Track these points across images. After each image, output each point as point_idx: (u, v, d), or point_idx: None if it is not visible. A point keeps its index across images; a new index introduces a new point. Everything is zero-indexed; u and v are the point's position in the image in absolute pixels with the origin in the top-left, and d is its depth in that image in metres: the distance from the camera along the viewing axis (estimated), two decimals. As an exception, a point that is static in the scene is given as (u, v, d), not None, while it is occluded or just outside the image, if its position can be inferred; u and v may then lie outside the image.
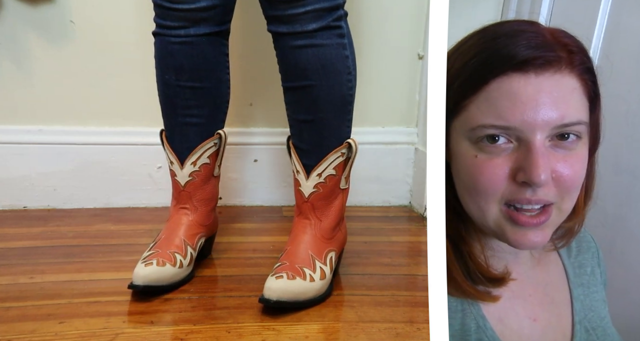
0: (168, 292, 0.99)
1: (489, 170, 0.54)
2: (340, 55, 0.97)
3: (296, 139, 1.03)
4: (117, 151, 1.45)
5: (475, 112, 0.54)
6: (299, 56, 0.96)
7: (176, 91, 1.04)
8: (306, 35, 0.94)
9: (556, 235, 0.65)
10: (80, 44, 1.39)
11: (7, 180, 1.42)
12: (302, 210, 1.04)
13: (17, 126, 1.42)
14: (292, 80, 0.99)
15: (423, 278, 1.10)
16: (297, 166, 1.03)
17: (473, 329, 0.59)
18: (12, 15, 1.35)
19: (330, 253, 1.03)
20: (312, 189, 1.02)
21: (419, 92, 1.53)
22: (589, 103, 0.56)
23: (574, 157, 0.55)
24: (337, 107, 1.00)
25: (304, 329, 0.90)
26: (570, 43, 0.54)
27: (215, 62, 1.05)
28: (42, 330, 0.86)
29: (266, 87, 1.48)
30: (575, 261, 0.68)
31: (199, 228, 1.08)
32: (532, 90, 0.52)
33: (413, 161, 1.56)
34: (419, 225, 1.43)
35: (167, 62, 1.03)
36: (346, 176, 1.05)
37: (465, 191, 0.57)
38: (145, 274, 0.95)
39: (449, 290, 0.58)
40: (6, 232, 1.28)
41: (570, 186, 0.55)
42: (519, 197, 0.54)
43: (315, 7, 0.92)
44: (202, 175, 1.07)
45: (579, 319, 0.65)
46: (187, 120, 1.06)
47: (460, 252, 0.59)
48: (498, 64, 0.53)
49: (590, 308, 0.67)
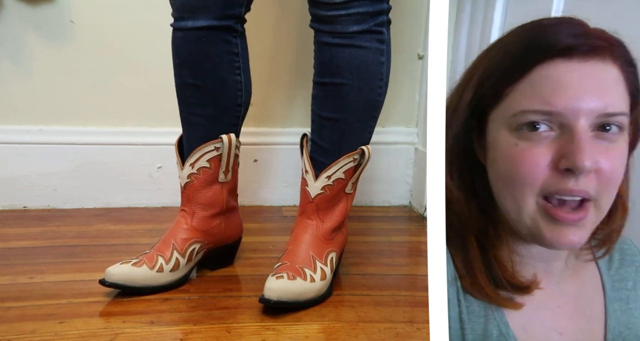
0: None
1: (531, 159, 0.53)
2: (376, 59, 0.97)
3: (316, 135, 1.02)
4: (117, 151, 1.45)
5: (517, 98, 0.53)
6: (336, 54, 0.96)
7: (181, 87, 1.02)
8: (346, 36, 0.94)
9: (595, 242, 0.62)
10: (80, 44, 1.39)
11: (7, 180, 1.42)
12: (306, 210, 1.04)
13: (17, 126, 1.42)
14: (325, 76, 0.99)
15: (423, 278, 1.10)
16: (306, 166, 1.02)
17: (495, 336, 0.57)
18: (12, 15, 1.35)
19: (330, 253, 1.03)
20: (319, 191, 1.01)
21: (419, 92, 1.53)
22: (630, 98, 0.55)
23: (615, 151, 0.53)
24: (362, 110, 1.00)
25: (304, 329, 0.90)
26: (611, 37, 0.54)
27: (216, 60, 1.00)
28: (42, 330, 0.86)
29: (266, 87, 1.48)
30: (615, 275, 0.65)
31: (193, 233, 1.03)
32: (577, 77, 0.51)
33: (413, 161, 1.56)
34: (419, 225, 1.43)
35: (174, 56, 1.01)
36: (354, 181, 1.04)
37: (502, 183, 0.56)
38: (114, 272, 0.95)
39: (472, 291, 0.57)
40: (6, 232, 1.28)
41: (610, 180, 0.54)
42: (560, 187, 0.52)
43: (359, 11, 0.92)
44: (201, 179, 1.03)
45: (612, 337, 0.62)
46: (190, 118, 1.03)
47: (486, 254, 0.58)
48: (542, 50, 0.52)
49: (627, 325, 0.63)
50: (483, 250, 0.58)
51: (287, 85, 1.49)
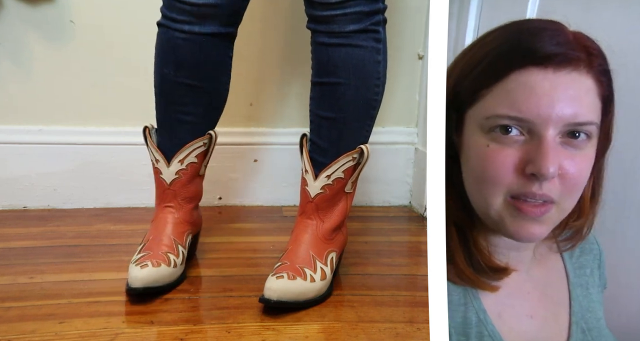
0: (165, 293, 0.99)
1: (499, 159, 0.55)
2: (372, 58, 0.98)
3: (314, 135, 1.03)
4: (117, 151, 1.45)
5: (491, 102, 0.55)
6: (333, 53, 0.97)
7: (173, 86, 1.03)
8: (343, 35, 0.95)
9: (563, 236, 0.66)
10: (80, 44, 1.39)
11: (7, 180, 1.42)
12: (306, 210, 1.04)
13: (17, 126, 1.42)
14: (322, 75, 1.00)
15: (423, 278, 1.10)
16: (306, 165, 1.03)
17: (474, 322, 0.60)
18: (12, 15, 1.35)
19: (331, 253, 1.03)
20: (319, 190, 1.02)
21: (419, 92, 1.53)
22: (602, 105, 0.56)
23: (581, 157, 0.56)
24: (360, 108, 1.00)
25: (304, 329, 0.90)
26: (590, 45, 0.55)
27: (218, 63, 1.04)
28: (42, 330, 0.86)
29: (266, 87, 1.48)
30: (576, 262, 0.69)
31: (185, 225, 1.07)
32: (549, 86, 0.53)
33: (413, 161, 1.56)
34: (419, 225, 1.43)
35: (168, 55, 1.01)
36: (353, 180, 1.05)
37: (472, 180, 0.58)
38: (143, 276, 0.95)
39: (450, 276, 0.59)
40: (6, 232, 1.28)
41: (574, 185, 0.56)
42: (525, 190, 0.55)
43: (355, 10, 0.93)
44: (188, 173, 1.07)
45: (576, 319, 0.66)
46: (180, 116, 1.05)
47: (466, 243, 0.60)
48: (519, 57, 0.54)
49: (588, 309, 0.68)
50: (463, 239, 0.60)
51: (287, 85, 1.49)
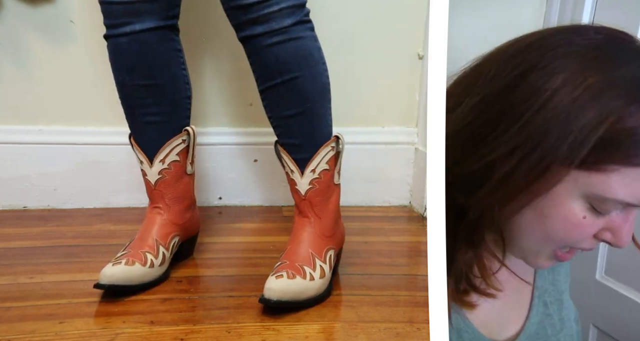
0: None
1: (587, 230, 0.53)
2: (315, 46, 1.01)
3: (285, 137, 1.03)
4: (117, 151, 1.45)
5: (618, 184, 0.50)
6: (279, 52, 0.98)
7: (132, 91, 1.05)
8: (283, 31, 0.97)
9: None
10: (80, 44, 1.39)
11: (7, 180, 1.42)
12: (301, 209, 1.04)
13: (17, 126, 1.42)
14: (274, 77, 1.00)
15: (423, 278, 1.10)
16: (290, 166, 1.03)
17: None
18: (12, 15, 1.35)
19: (329, 251, 1.03)
20: (308, 186, 1.02)
21: (419, 92, 1.53)
22: None
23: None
24: (321, 95, 1.02)
25: (304, 329, 0.90)
26: None
27: (166, 58, 1.05)
28: (42, 330, 0.86)
29: (266, 87, 1.48)
30: None
31: (171, 227, 1.07)
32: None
33: (413, 161, 1.56)
34: (419, 225, 1.43)
35: (119, 63, 1.04)
36: (338, 170, 1.06)
37: (539, 234, 0.55)
38: (111, 273, 0.95)
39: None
40: (6, 232, 1.28)
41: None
42: (585, 246, 0.54)
43: (289, 4, 0.96)
44: (172, 173, 1.07)
45: (539, 293, 0.66)
46: (147, 118, 1.06)
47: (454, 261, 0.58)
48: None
49: (552, 282, 0.68)
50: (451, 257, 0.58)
51: (287, 85, 1.49)
